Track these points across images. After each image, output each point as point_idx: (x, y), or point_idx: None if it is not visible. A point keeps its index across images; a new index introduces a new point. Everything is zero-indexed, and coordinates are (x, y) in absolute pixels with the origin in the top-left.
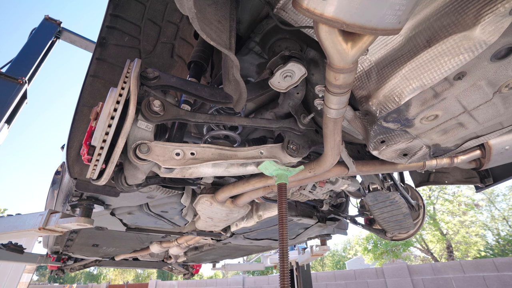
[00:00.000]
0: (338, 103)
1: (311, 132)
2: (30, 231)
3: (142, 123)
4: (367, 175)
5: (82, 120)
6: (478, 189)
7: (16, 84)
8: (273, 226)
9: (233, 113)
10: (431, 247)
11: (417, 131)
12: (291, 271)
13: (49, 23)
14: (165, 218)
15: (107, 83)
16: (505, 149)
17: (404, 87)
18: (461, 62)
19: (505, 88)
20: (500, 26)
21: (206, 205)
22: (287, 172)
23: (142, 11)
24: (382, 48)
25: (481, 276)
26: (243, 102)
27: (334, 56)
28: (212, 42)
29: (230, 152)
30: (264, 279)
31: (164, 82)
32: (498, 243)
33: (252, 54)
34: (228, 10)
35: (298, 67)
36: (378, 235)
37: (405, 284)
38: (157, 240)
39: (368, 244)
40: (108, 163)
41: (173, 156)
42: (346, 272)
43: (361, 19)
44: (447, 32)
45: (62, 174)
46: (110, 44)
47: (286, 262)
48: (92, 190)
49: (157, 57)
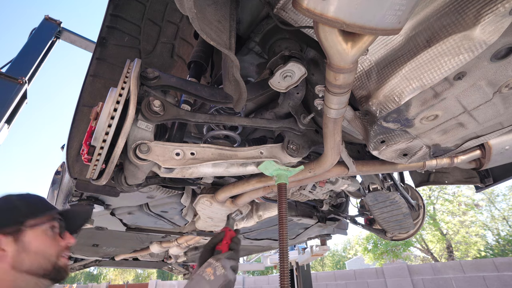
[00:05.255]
0: (338, 103)
1: (311, 132)
2: None
3: (142, 123)
4: (367, 175)
5: (82, 120)
6: (478, 189)
7: (16, 84)
8: (273, 226)
9: (233, 113)
10: (431, 247)
11: (417, 131)
12: (291, 271)
13: (49, 23)
14: (165, 218)
15: (107, 83)
16: (505, 149)
17: (404, 87)
18: (461, 62)
19: (505, 88)
20: (500, 26)
21: (206, 205)
22: (287, 172)
23: (142, 11)
24: (382, 48)
25: (481, 276)
26: (243, 102)
27: (334, 56)
28: (212, 42)
29: (230, 152)
30: (264, 279)
31: (164, 82)
32: (498, 243)
33: (252, 54)
34: (228, 10)
35: (298, 67)
36: (378, 235)
37: (405, 284)
38: (157, 240)
39: (368, 244)
40: (108, 163)
41: (173, 156)
42: (346, 272)
43: (361, 19)
44: (447, 32)
45: (62, 174)
46: (110, 44)
47: (286, 262)
48: (92, 190)
49: (157, 57)
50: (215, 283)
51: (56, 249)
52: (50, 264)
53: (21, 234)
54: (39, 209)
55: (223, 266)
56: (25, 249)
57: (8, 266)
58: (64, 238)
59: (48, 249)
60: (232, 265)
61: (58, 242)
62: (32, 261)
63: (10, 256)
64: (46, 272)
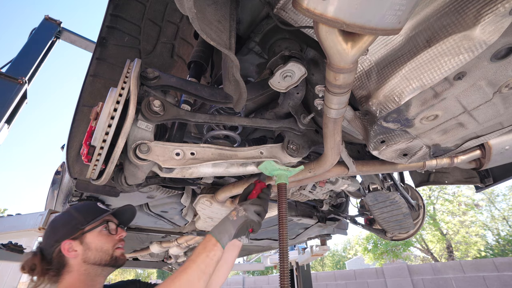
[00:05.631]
0: (338, 103)
1: (311, 132)
2: (30, 231)
3: (142, 123)
4: (367, 175)
5: (82, 120)
6: (478, 189)
7: (16, 84)
8: (273, 226)
9: (233, 113)
10: (431, 247)
11: (417, 131)
12: (291, 271)
13: (49, 23)
14: (165, 218)
15: (107, 83)
16: (505, 149)
17: (404, 87)
18: (461, 62)
19: (505, 88)
20: (500, 26)
21: (206, 205)
22: (287, 172)
23: (142, 11)
24: (382, 48)
25: (481, 276)
26: (243, 102)
27: (334, 56)
28: (212, 42)
29: (230, 152)
30: (264, 279)
31: (164, 82)
32: (498, 243)
33: (252, 54)
34: (228, 10)
35: (298, 67)
36: (378, 235)
37: (405, 284)
38: (157, 240)
39: (368, 244)
40: (108, 163)
41: (173, 156)
42: (346, 272)
43: (361, 19)
44: (447, 32)
45: (62, 174)
46: (110, 44)
47: (286, 262)
48: (92, 190)
49: (157, 57)
50: (237, 223)
51: (112, 243)
52: (108, 256)
53: (84, 237)
54: (92, 215)
55: (245, 209)
56: (88, 247)
57: (81, 261)
58: (117, 233)
59: (105, 245)
60: (256, 209)
61: (112, 237)
62: (95, 256)
63: (80, 254)
64: (106, 262)
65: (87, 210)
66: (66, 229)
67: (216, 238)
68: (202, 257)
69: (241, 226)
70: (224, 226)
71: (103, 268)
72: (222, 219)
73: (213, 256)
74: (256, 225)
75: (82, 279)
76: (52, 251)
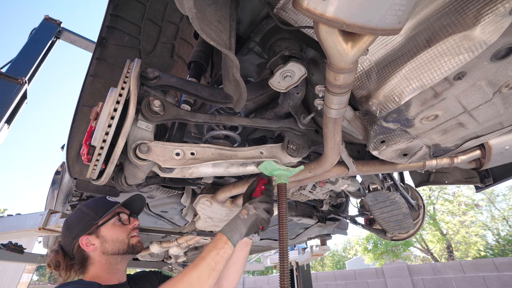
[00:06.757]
0: (338, 103)
1: (311, 132)
2: (30, 231)
3: (142, 123)
4: (367, 175)
5: (82, 120)
6: (478, 189)
7: (16, 84)
8: (273, 226)
9: (233, 113)
10: (431, 247)
11: (417, 131)
12: (291, 271)
13: (49, 23)
14: (165, 218)
15: (107, 83)
16: (505, 149)
17: (404, 87)
18: (461, 62)
19: (505, 88)
20: (500, 26)
21: (206, 205)
22: (287, 172)
23: (142, 11)
24: (382, 48)
25: (481, 276)
26: (243, 102)
27: (334, 56)
28: (212, 42)
29: (230, 152)
30: (264, 279)
31: (164, 82)
32: (498, 243)
33: (252, 54)
34: (228, 10)
35: (298, 67)
36: (378, 235)
37: (405, 284)
38: (157, 240)
39: (368, 244)
40: (108, 163)
41: (173, 156)
42: (346, 272)
43: (361, 19)
44: (447, 32)
45: (62, 174)
46: (110, 44)
47: (286, 262)
48: (92, 190)
49: (157, 57)
50: (248, 221)
51: (126, 233)
52: (125, 245)
53: (99, 231)
54: (103, 209)
55: (255, 207)
56: (105, 240)
57: (100, 253)
58: (130, 223)
59: (120, 235)
60: (265, 207)
61: (126, 227)
62: (112, 246)
63: (98, 247)
64: (124, 251)
65: (97, 205)
66: (81, 226)
67: (227, 236)
68: (212, 254)
69: (252, 224)
70: (235, 224)
71: (123, 256)
72: (232, 218)
73: (224, 253)
74: (266, 223)
75: (105, 268)
76: (72, 247)
